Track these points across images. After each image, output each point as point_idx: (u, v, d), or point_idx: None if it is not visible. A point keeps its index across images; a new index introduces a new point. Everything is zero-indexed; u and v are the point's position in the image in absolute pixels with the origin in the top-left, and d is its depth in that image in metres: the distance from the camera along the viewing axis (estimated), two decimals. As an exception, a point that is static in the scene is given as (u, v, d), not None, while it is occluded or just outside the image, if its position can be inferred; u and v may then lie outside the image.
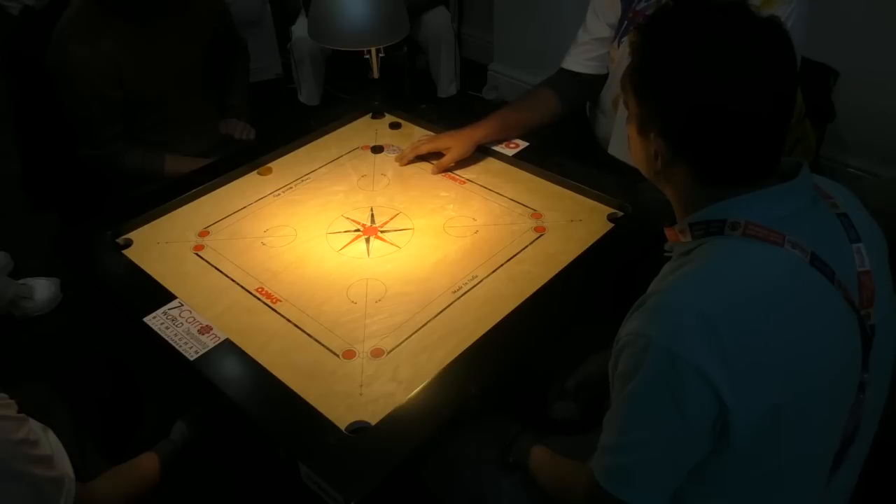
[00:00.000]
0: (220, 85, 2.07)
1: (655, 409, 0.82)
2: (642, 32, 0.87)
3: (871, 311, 0.85)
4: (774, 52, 0.80)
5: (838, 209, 0.89)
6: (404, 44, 2.82)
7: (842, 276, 0.83)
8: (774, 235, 0.81)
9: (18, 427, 0.94)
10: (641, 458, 0.84)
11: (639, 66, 0.87)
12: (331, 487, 0.96)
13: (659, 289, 0.86)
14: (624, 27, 1.61)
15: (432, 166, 1.61)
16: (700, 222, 0.86)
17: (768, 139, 0.83)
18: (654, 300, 0.84)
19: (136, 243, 1.44)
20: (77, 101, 1.74)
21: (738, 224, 0.82)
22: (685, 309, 0.80)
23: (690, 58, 0.80)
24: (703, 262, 0.84)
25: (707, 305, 0.79)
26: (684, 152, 0.85)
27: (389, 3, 1.48)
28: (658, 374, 0.80)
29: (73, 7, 1.71)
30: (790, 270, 0.81)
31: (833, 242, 0.85)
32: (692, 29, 0.82)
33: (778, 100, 0.82)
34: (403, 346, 1.18)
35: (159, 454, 1.25)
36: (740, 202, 0.84)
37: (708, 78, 0.79)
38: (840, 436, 0.87)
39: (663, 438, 0.83)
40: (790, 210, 0.84)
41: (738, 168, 0.84)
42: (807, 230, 0.83)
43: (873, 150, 2.40)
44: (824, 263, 0.82)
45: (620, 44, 1.61)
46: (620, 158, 1.61)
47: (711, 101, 0.80)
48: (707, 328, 0.78)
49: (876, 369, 0.87)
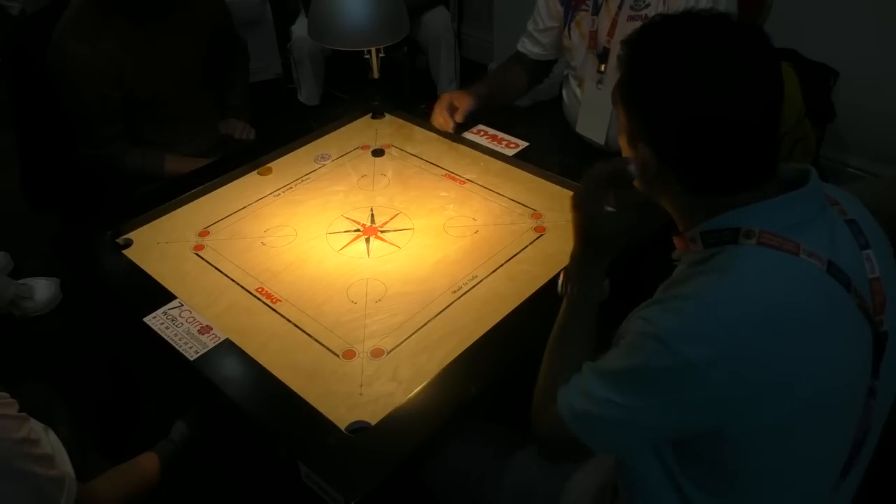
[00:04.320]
0: (220, 85, 2.07)
1: (652, 395, 0.82)
2: (629, 45, 0.86)
3: (882, 317, 0.85)
4: (758, 60, 0.80)
5: (847, 215, 0.88)
6: (404, 44, 2.82)
7: (856, 284, 0.83)
8: (789, 244, 0.80)
9: (19, 426, 0.94)
10: (616, 419, 0.85)
11: (626, 79, 0.87)
12: (331, 487, 0.96)
13: (682, 293, 0.84)
14: (570, 15, 1.73)
15: (451, 120, 1.67)
16: (712, 231, 0.85)
17: (756, 147, 0.83)
18: (677, 303, 0.82)
19: (136, 243, 1.44)
20: (77, 101, 1.74)
21: (752, 233, 0.82)
22: (707, 315, 0.79)
23: (674, 68, 0.80)
24: (719, 273, 0.82)
25: (724, 314, 0.78)
26: (671, 162, 0.85)
27: (389, 3, 1.48)
28: (669, 373, 0.79)
29: (74, 6, 1.71)
30: (808, 282, 0.80)
31: (846, 250, 0.84)
32: (676, 41, 0.82)
33: (764, 108, 0.81)
34: (403, 346, 1.18)
35: (159, 454, 1.25)
36: (751, 211, 0.83)
37: (692, 88, 0.79)
38: (851, 442, 0.87)
39: (648, 418, 0.83)
40: (802, 217, 0.83)
41: (727, 176, 0.84)
42: (821, 237, 0.82)
43: (873, 150, 2.41)
44: (840, 271, 0.81)
45: (571, 33, 1.74)
46: (587, 136, 1.83)
47: (696, 110, 0.80)
48: (726, 336, 0.77)
49: (887, 376, 0.86)
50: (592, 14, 1.67)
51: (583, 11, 1.69)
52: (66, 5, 1.72)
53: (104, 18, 1.69)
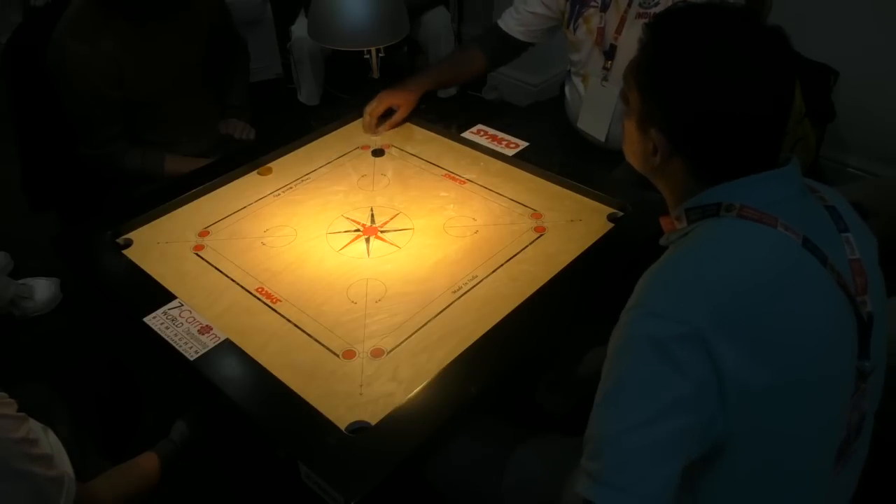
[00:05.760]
0: (220, 85, 2.07)
1: (655, 375, 0.78)
2: (652, 30, 0.88)
3: (866, 298, 0.87)
4: (777, 58, 0.84)
5: (826, 202, 0.91)
6: (404, 44, 2.82)
7: (834, 261, 0.85)
8: (768, 218, 0.84)
9: (18, 426, 0.94)
10: (641, 442, 0.77)
11: (646, 64, 0.88)
12: (331, 487, 0.96)
13: (661, 266, 0.86)
14: (577, 11, 1.74)
15: (384, 125, 1.74)
16: (696, 207, 0.89)
17: (767, 138, 0.87)
18: (651, 274, 0.85)
19: (136, 243, 1.44)
20: (77, 101, 1.74)
21: (732, 206, 0.85)
22: (683, 279, 0.82)
23: (698, 61, 0.83)
24: (700, 240, 0.86)
25: (705, 275, 0.81)
26: (684, 150, 0.88)
27: (389, 3, 1.48)
28: (655, 342, 0.78)
29: (74, 6, 1.71)
30: (784, 250, 0.83)
31: (823, 230, 0.87)
32: (701, 33, 0.84)
33: (777, 102, 0.85)
34: (403, 346, 1.18)
35: (159, 454, 1.25)
36: (733, 187, 0.86)
37: (714, 82, 0.82)
38: (845, 427, 0.87)
39: (667, 407, 0.77)
40: (781, 196, 0.86)
41: (736, 164, 0.87)
42: (797, 215, 0.85)
43: (873, 150, 2.41)
44: (816, 247, 0.84)
45: (577, 28, 1.75)
46: (588, 132, 1.84)
47: (715, 104, 0.83)
48: (705, 297, 0.79)
49: (875, 358, 0.87)
50: (601, 11, 1.69)
51: (592, 8, 1.71)
52: (66, 5, 1.72)
53: (104, 18, 1.69)
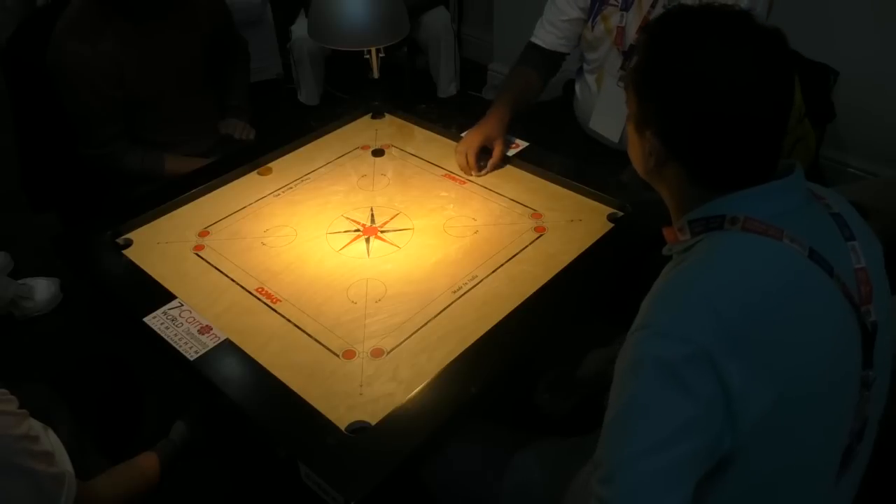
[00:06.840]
0: (221, 84, 2.07)
1: (664, 398, 0.77)
2: (648, 33, 0.88)
3: (870, 307, 0.86)
4: (774, 59, 0.82)
5: (832, 209, 0.90)
6: (404, 44, 2.82)
7: (840, 272, 0.84)
8: (773, 230, 0.82)
9: (19, 423, 0.94)
10: (653, 467, 0.76)
11: (641, 66, 0.88)
12: (331, 487, 0.96)
13: (665, 282, 0.85)
14: (596, 8, 1.69)
15: (486, 167, 1.58)
16: (699, 219, 0.87)
17: (764, 143, 0.84)
18: (655, 293, 0.84)
19: (136, 243, 1.44)
20: (77, 101, 1.73)
21: (736, 219, 0.84)
22: (688, 297, 0.80)
23: (691, 62, 0.81)
24: (704, 255, 0.85)
25: (710, 293, 0.79)
26: (679, 153, 0.87)
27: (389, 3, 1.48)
28: (663, 364, 0.77)
29: (73, 6, 1.71)
30: (790, 264, 0.82)
31: (829, 239, 0.86)
32: (695, 34, 0.83)
33: (776, 106, 0.83)
34: (403, 346, 1.18)
35: (159, 454, 1.25)
36: (737, 198, 0.85)
37: (705, 83, 0.81)
38: (847, 434, 0.87)
39: (678, 431, 0.76)
40: (786, 207, 0.85)
41: (733, 171, 0.85)
42: (803, 226, 0.84)
43: (873, 150, 2.41)
44: (822, 258, 0.83)
45: (595, 26, 1.69)
46: (601, 132, 1.78)
47: (707, 105, 0.81)
48: (711, 314, 0.78)
49: (879, 366, 0.87)
50: (622, 9, 1.65)
51: (611, 6, 1.67)
52: (66, 5, 1.72)
53: (104, 18, 1.69)
